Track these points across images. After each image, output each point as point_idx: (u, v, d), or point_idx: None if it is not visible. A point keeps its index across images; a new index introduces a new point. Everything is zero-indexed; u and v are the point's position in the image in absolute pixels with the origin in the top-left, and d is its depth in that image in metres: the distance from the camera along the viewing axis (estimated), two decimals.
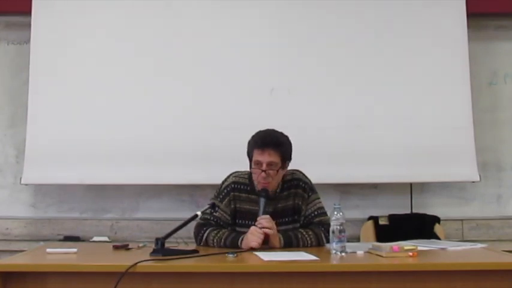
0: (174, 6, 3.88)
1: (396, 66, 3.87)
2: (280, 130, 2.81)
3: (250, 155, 2.75)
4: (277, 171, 2.70)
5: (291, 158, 2.79)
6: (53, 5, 3.87)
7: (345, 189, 3.93)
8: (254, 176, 2.74)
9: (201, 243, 2.71)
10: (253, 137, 2.76)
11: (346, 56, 3.87)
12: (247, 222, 2.71)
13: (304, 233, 2.69)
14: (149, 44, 3.86)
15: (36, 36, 3.84)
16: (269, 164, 2.68)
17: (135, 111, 3.81)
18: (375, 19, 3.89)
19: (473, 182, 3.87)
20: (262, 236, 2.56)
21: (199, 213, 2.64)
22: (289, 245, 2.63)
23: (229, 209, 2.78)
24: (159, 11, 3.88)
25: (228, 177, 2.86)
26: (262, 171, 2.68)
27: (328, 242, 2.57)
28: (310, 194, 2.80)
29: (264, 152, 2.68)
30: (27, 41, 3.88)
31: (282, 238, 2.63)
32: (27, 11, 3.84)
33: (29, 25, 3.85)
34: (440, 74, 3.86)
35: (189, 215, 2.64)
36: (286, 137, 2.78)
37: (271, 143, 2.69)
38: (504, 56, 4.09)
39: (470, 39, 3.87)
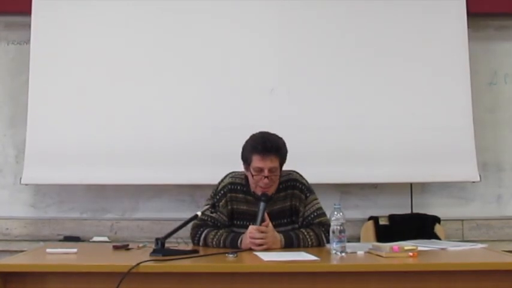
0: (174, 7, 3.88)
1: (396, 66, 3.86)
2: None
3: (248, 159, 2.70)
4: (277, 175, 2.70)
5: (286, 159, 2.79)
6: (53, 5, 3.87)
7: (345, 189, 3.93)
8: (252, 181, 2.71)
9: (199, 244, 2.70)
10: (250, 142, 2.72)
11: (346, 56, 3.87)
12: (245, 222, 2.70)
13: (306, 233, 2.68)
14: (149, 44, 3.86)
15: (36, 36, 3.84)
16: (270, 170, 2.66)
17: (135, 112, 3.81)
18: (374, 19, 3.89)
19: (473, 182, 3.86)
20: (260, 236, 2.55)
21: (199, 213, 2.64)
22: (290, 245, 2.62)
23: (226, 210, 2.77)
24: (159, 11, 3.87)
25: (225, 177, 2.85)
26: (265, 177, 2.66)
27: (328, 242, 2.57)
28: (308, 194, 2.79)
29: (266, 158, 2.65)
30: (27, 41, 3.88)
31: (283, 238, 2.63)
32: (27, 11, 3.84)
33: (29, 25, 3.84)
34: (440, 74, 3.85)
35: (189, 215, 2.65)
36: (283, 140, 2.75)
37: (272, 149, 2.66)
38: (504, 56, 4.08)
39: (470, 39, 3.87)
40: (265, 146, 2.66)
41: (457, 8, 3.89)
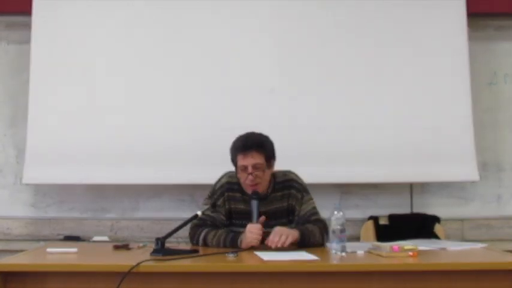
0: (174, 7, 3.88)
1: (396, 66, 3.86)
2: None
3: (234, 161, 2.75)
4: (264, 171, 2.71)
5: (275, 156, 2.79)
6: (53, 5, 3.87)
7: (345, 189, 3.93)
8: (242, 181, 2.74)
9: (199, 244, 2.70)
10: (233, 143, 2.77)
11: (346, 56, 3.87)
12: (243, 221, 2.70)
13: (312, 227, 2.66)
14: (149, 44, 3.86)
15: (36, 36, 3.84)
16: (254, 167, 2.68)
17: (134, 112, 3.81)
18: (374, 19, 3.89)
19: (473, 182, 3.87)
20: (260, 233, 2.55)
21: (199, 213, 2.64)
22: (303, 235, 2.59)
23: (224, 209, 2.78)
24: (159, 11, 3.88)
25: (222, 177, 2.86)
26: (249, 174, 2.68)
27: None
28: (304, 194, 2.81)
29: (247, 155, 2.69)
30: (27, 41, 3.88)
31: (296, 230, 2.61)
32: (27, 11, 3.84)
33: (29, 25, 3.84)
34: (440, 74, 3.86)
35: (189, 215, 2.65)
36: (266, 137, 2.79)
37: (253, 145, 2.70)
38: (504, 56, 4.09)
39: (470, 39, 3.87)
40: (246, 144, 2.71)
41: (457, 8, 3.89)
